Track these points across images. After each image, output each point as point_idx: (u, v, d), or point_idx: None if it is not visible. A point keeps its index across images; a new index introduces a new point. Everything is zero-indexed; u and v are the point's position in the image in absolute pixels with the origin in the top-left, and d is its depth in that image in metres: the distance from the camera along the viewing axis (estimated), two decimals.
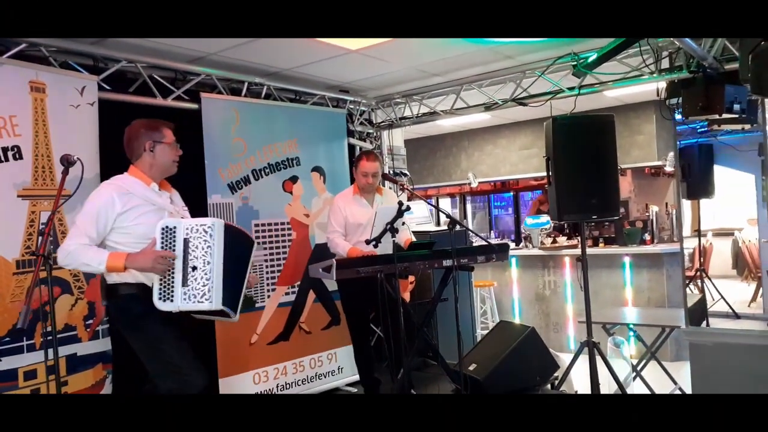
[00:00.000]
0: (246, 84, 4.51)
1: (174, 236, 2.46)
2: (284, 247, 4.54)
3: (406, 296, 4.95)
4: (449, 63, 4.67)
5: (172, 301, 2.44)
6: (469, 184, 7.73)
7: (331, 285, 4.57)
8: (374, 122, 5.70)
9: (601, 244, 6.33)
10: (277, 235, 4.49)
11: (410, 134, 7.30)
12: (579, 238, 6.29)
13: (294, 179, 4.65)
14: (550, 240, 6.70)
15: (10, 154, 3.17)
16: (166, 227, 2.48)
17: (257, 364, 4.25)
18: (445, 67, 4.80)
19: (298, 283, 4.59)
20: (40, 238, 2.19)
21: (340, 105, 5.32)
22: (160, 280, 2.45)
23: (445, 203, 9.89)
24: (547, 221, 6.64)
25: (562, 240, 6.69)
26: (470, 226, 9.47)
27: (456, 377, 3.97)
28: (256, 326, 4.29)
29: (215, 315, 2.64)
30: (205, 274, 2.44)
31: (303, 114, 4.85)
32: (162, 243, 2.46)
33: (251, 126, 4.40)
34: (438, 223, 7.03)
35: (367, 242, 3.65)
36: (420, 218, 5.85)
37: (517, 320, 6.55)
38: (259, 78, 4.56)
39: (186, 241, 2.46)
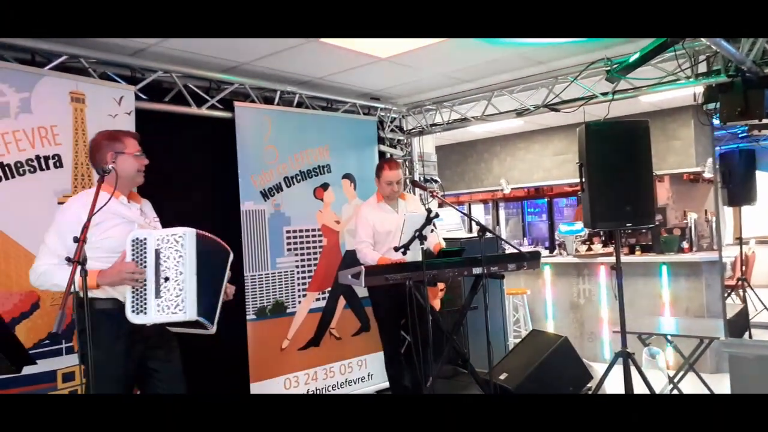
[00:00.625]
0: (279, 93, 4.58)
1: (145, 248, 2.41)
2: (315, 253, 4.58)
3: (436, 304, 4.92)
4: (480, 69, 4.66)
5: (145, 313, 2.39)
6: (502, 190, 7.66)
7: (362, 291, 4.59)
8: (405, 129, 5.71)
9: (637, 252, 6.19)
10: (308, 242, 4.54)
11: (441, 140, 7.29)
12: (612, 245, 6.20)
13: (325, 186, 4.70)
14: (584, 247, 6.58)
15: (51, 162, 3.29)
16: (137, 239, 2.43)
17: (288, 369, 4.30)
18: (476, 74, 4.78)
19: (329, 289, 4.63)
20: (75, 244, 2.23)
21: (371, 112, 5.35)
22: (133, 293, 2.40)
23: (478, 209, 9.82)
24: (582, 228, 6.52)
25: (597, 247, 6.56)
26: (503, 233, 9.38)
27: (486, 386, 3.93)
28: (287, 332, 4.34)
29: (191, 327, 2.57)
30: (178, 284, 2.39)
31: (334, 122, 4.90)
32: (133, 255, 2.41)
33: (283, 134, 4.47)
34: (470, 230, 6.98)
35: (396, 249, 3.66)
36: (451, 225, 5.83)
37: (550, 329, 6.45)
38: (291, 87, 4.62)
39: (157, 252, 2.41)
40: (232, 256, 2.72)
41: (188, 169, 4.11)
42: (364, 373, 4.76)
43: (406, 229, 3.67)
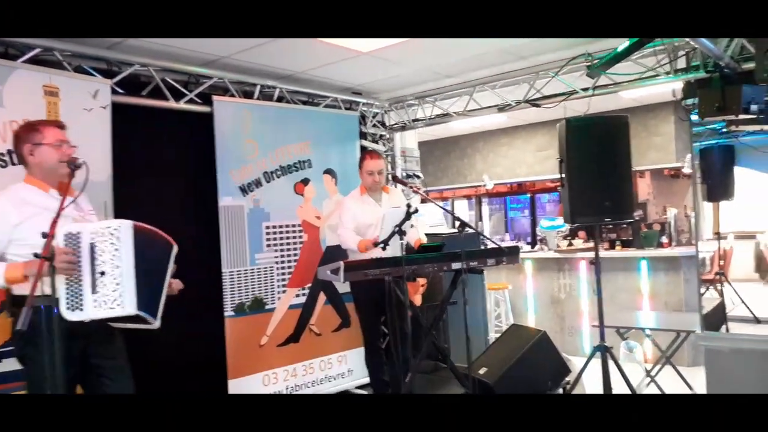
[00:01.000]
0: (258, 87, 4.54)
1: (79, 242, 2.31)
2: (295, 249, 4.56)
3: (417, 299, 4.93)
4: (462, 64, 4.65)
5: (81, 309, 2.29)
6: (485, 186, 7.68)
7: (342, 287, 4.58)
8: (387, 124, 5.69)
9: (617, 247, 6.25)
10: (288, 238, 4.51)
11: (425, 136, 7.28)
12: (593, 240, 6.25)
13: (305, 181, 4.67)
14: (565, 243, 6.63)
15: None
16: (69, 233, 2.32)
17: (267, 365, 4.27)
18: (458, 69, 4.78)
19: (309, 285, 4.61)
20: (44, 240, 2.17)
21: (352, 107, 5.33)
22: (67, 289, 2.30)
23: (462, 205, 9.84)
24: (563, 224, 6.56)
25: (578, 242, 6.61)
26: (486, 228, 9.41)
27: (466, 381, 3.94)
28: (266, 328, 4.32)
29: (133, 322, 2.48)
30: (115, 278, 2.31)
31: (315, 116, 4.87)
32: None
33: (263, 128, 4.43)
34: (453, 226, 6.99)
35: (375, 245, 3.65)
36: (433, 220, 5.83)
37: (531, 323, 6.49)
38: (271, 81, 4.58)
39: (92, 246, 2.31)
40: (176, 248, 2.63)
41: (166, 164, 4.07)
42: (344, 369, 4.75)
43: (386, 224, 3.66)
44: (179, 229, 2.80)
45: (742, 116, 3.91)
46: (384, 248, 3.64)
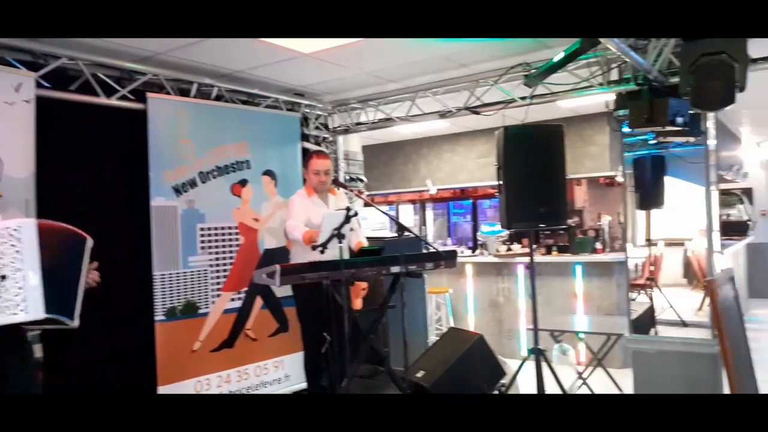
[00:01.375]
0: (195, 85, 4.42)
1: None
2: (231, 252, 4.45)
3: (359, 303, 4.91)
4: (404, 69, 4.67)
5: None
6: (428, 190, 7.75)
7: (281, 291, 4.51)
8: (330, 127, 5.65)
9: (554, 252, 6.41)
10: (223, 240, 4.40)
11: (370, 140, 7.28)
12: (537, 246, 6.40)
13: (243, 182, 4.57)
14: (504, 248, 6.76)
15: None
16: None
17: (199, 371, 4.14)
18: (400, 74, 4.80)
19: (245, 289, 4.50)
20: None
21: (294, 108, 5.26)
22: None
23: (407, 210, 9.90)
24: (503, 229, 6.69)
25: (516, 247, 6.75)
26: (430, 233, 9.49)
27: (403, 385, 3.95)
28: (198, 333, 4.19)
29: (47, 324, 2.37)
30: (17, 282, 2.19)
31: (255, 116, 4.78)
32: None
33: (199, 127, 4.32)
34: (399, 229, 7.01)
35: (314, 248, 3.61)
36: (376, 224, 5.83)
37: (471, 327, 6.58)
38: (209, 79, 4.47)
39: None
40: (90, 242, 2.50)
41: (95, 161, 3.89)
42: (280, 374, 4.67)
43: (324, 227, 3.63)
44: (108, 229, 2.69)
45: (668, 128, 4.09)
46: (322, 251, 3.61)
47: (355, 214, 3.65)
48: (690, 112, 4.07)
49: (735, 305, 3.93)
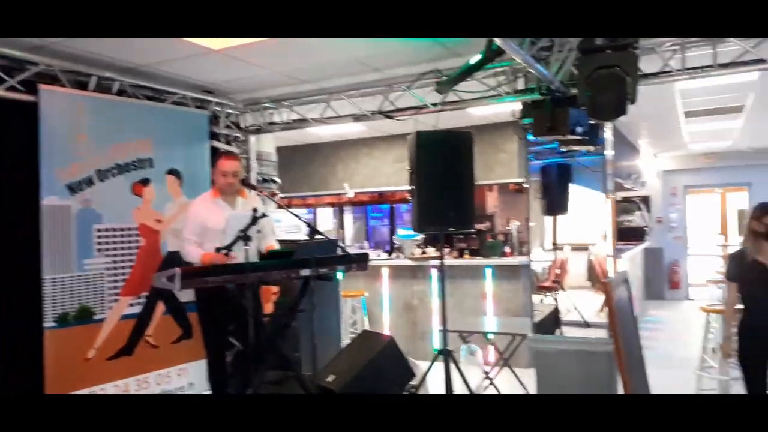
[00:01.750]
0: (95, 78, 4.17)
1: None
2: (130, 254, 4.22)
3: (269, 307, 4.80)
4: (317, 71, 4.63)
5: None
6: (346, 194, 7.73)
7: (185, 296, 4.32)
8: (242, 126, 5.51)
9: (466, 256, 6.57)
10: (122, 242, 4.17)
11: (286, 141, 7.17)
12: (447, 249, 6.54)
13: (145, 182, 4.36)
14: (419, 251, 6.85)
15: None
16: None
17: (94, 380, 3.90)
18: (314, 75, 4.75)
19: (146, 293, 4.29)
20: None
21: (204, 106, 5.08)
22: None
23: (326, 213, 9.83)
24: (417, 233, 6.78)
25: (431, 251, 6.85)
26: (348, 237, 9.48)
27: (312, 390, 3.90)
28: (93, 340, 3.94)
29: None
30: None
31: (160, 113, 4.58)
32: None
33: (98, 123, 4.07)
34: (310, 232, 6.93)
35: (217, 250, 3.49)
36: (289, 227, 5.73)
37: (386, 329, 6.62)
38: (110, 72, 4.23)
39: None
40: None
41: None
42: (183, 382, 4.48)
43: (230, 228, 3.52)
44: None
45: (569, 137, 4.29)
46: (227, 254, 3.49)
47: (263, 216, 3.57)
48: (589, 122, 4.30)
49: (628, 306, 4.17)
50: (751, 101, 6.38)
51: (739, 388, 3.74)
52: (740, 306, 3.62)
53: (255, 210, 3.58)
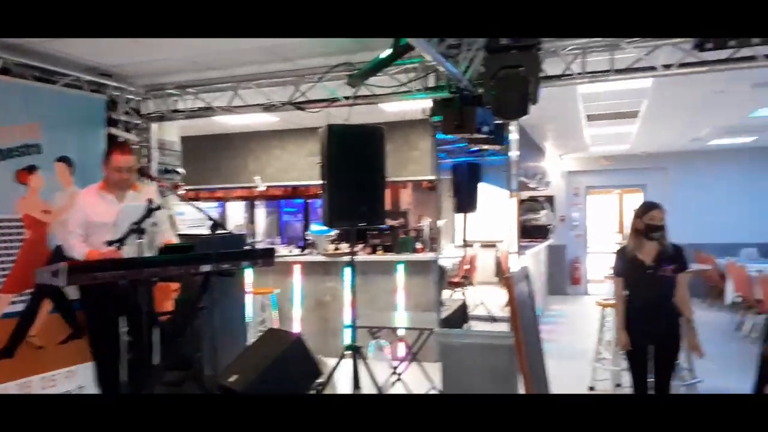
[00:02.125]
0: None
1: None
2: (13, 248, 3.87)
3: (169, 305, 4.57)
4: (224, 58, 4.45)
5: None
6: (257, 187, 7.52)
7: (75, 293, 4.01)
8: (143, 113, 5.20)
9: (379, 252, 6.58)
10: (3, 234, 3.81)
11: (194, 130, 6.86)
12: (361, 245, 6.52)
13: (31, 169, 4.00)
14: (332, 246, 6.78)
15: None
16: None
17: None
18: (221, 62, 4.56)
19: (31, 290, 3.95)
20: None
21: (101, 90, 4.75)
22: None
23: (238, 207, 9.54)
24: (331, 228, 6.72)
25: (344, 246, 6.81)
26: (259, 232, 9.26)
27: (214, 390, 3.75)
28: None
29: None
30: None
31: (51, 96, 4.23)
32: None
33: None
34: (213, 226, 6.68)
35: (109, 243, 3.27)
36: (194, 220, 5.47)
37: (297, 326, 6.51)
38: None
39: None
40: None
41: None
42: (72, 385, 4.16)
43: (121, 221, 3.30)
44: None
45: (476, 135, 4.38)
46: (119, 248, 3.28)
47: (158, 208, 3.38)
48: (495, 121, 4.40)
49: (529, 300, 4.32)
50: (645, 107, 6.82)
51: (628, 377, 3.96)
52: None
53: (150, 201, 3.38)
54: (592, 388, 5.16)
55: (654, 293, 3.61)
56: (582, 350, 6.08)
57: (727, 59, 3.73)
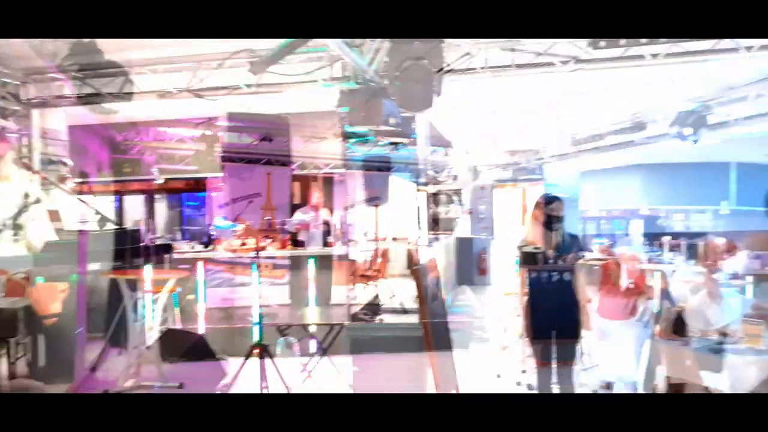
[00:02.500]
0: None
1: None
2: None
3: (57, 307, 4.19)
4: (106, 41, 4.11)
5: None
6: (155, 180, 7.10)
7: None
8: (23, 99, 4.73)
9: (289, 246, 6.40)
10: None
11: (83, 119, 6.34)
12: (270, 240, 6.32)
13: None
14: (238, 242, 6.53)
15: None
16: None
17: None
18: (110, 43, 4.21)
19: None
20: None
21: None
22: None
23: (137, 201, 8.97)
24: (236, 224, 6.49)
25: (251, 242, 6.58)
26: (159, 226, 8.77)
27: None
28: None
29: None
30: None
31: None
32: None
33: None
34: (117, 223, 6.24)
35: None
36: (83, 216, 5.06)
37: (202, 327, 6.20)
38: None
39: None
40: None
41: None
42: None
43: None
44: None
45: (383, 127, 4.34)
46: None
47: (37, 201, 3.07)
48: (402, 114, 4.39)
49: (436, 291, 4.35)
50: (542, 104, 7.06)
51: (532, 363, 4.07)
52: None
53: (27, 196, 3.07)
54: (499, 376, 5.30)
55: (554, 281, 3.74)
56: (489, 338, 6.24)
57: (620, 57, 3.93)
